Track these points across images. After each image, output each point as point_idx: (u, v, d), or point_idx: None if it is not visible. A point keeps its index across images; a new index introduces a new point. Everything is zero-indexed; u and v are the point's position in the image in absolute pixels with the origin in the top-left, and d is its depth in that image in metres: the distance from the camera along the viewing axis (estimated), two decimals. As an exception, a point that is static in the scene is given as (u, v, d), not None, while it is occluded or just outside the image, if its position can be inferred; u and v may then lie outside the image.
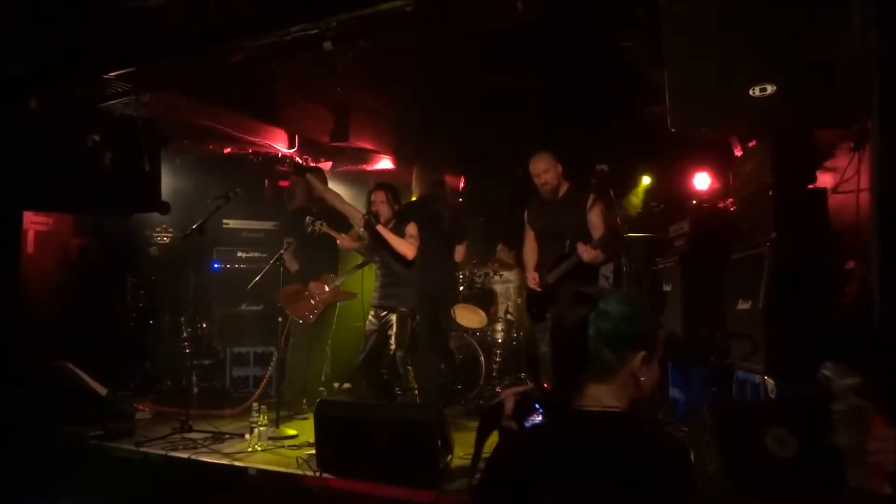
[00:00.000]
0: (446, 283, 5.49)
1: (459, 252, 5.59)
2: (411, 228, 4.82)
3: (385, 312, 4.82)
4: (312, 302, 5.38)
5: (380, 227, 4.74)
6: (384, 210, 4.87)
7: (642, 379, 1.51)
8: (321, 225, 5.24)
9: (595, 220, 4.44)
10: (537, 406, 1.66)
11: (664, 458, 1.40)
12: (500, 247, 6.81)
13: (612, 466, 1.38)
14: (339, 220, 5.29)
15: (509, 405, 1.68)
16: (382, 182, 5.16)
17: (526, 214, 4.85)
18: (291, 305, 5.34)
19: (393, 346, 4.71)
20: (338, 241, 5.44)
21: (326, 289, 5.41)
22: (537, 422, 1.64)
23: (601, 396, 1.50)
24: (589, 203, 4.46)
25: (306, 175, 5.25)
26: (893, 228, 2.56)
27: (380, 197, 4.90)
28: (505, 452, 1.55)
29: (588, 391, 1.51)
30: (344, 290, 5.53)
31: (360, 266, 5.49)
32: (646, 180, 6.30)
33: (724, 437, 2.71)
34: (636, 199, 6.27)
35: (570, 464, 1.41)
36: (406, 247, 4.74)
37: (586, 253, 4.27)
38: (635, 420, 1.52)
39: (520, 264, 5.78)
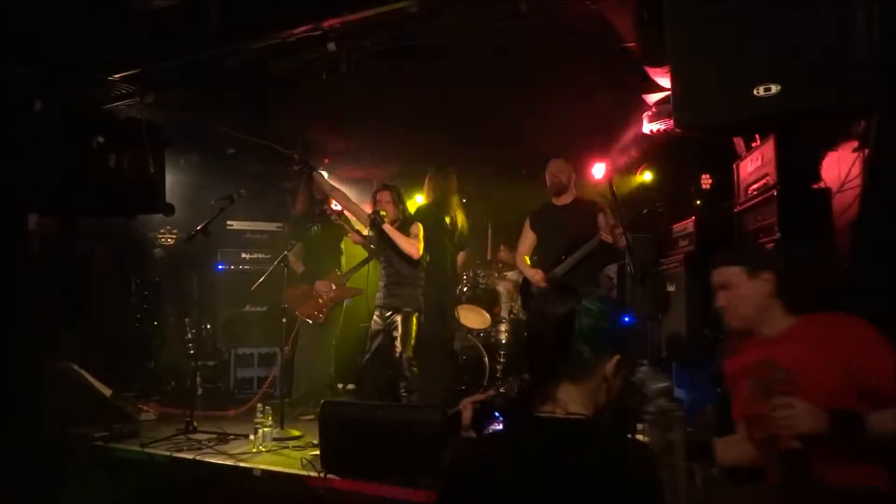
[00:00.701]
0: (450, 286, 5.51)
1: (461, 257, 5.64)
2: (415, 229, 4.85)
3: (390, 313, 4.82)
4: (320, 301, 5.39)
5: (386, 226, 4.75)
6: (390, 210, 4.89)
7: (612, 386, 1.48)
8: (337, 216, 5.29)
9: (603, 221, 4.67)
10: (497, 414, 1.62)
11: (628, 469, 1.36)
12: (501, 247, 6.80)
13: (573, 476, 1.33)
14: (347, 219, 5.35)
15: (467, 415, 1.65)
16: (387, 183, 5.21)
17: (529, 219, 4.94)
18: (300, 306, 5.34)
19: (399, 349, 4.72)
20: (348, 234, 5.47)
21: (333, 287, 5.42)
22: (496, 429, 1.59)
23: (568, 400, 1.45)
24: (597, 207, 4.71)
25: (314, 173, 5.27)
26: (882, 228, 2.58)
27: (385, 197, 4.93)
28: (461, 462, 1.50)
29: (558, 392, 1.46)
30: (351, 287, 5.55)
31: (365, 262, 5.50)
32: (647, 176, 6.27)
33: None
34: (636, 189, 6.24)
35: (528, 473, 1.36)
36: (411, 246, 4.76)
37: (607, 236, 4.48)
38: (600, 428, 1.47)
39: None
